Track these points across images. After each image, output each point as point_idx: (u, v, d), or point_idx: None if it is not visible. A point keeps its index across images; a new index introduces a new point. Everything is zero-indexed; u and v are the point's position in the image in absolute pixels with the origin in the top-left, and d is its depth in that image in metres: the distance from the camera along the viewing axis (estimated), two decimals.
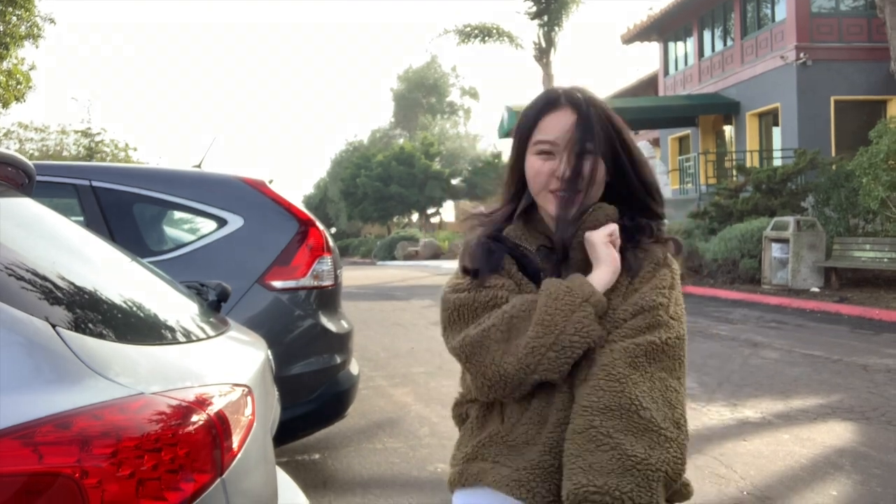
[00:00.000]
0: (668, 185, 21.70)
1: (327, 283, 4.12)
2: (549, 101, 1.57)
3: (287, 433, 3.80)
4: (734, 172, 19.95)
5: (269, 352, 2.15)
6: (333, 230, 46.37)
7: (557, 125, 1.54)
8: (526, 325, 1.46)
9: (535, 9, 27.16)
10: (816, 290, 13.29)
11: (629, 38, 28.10)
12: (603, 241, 1.52)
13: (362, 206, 44.02)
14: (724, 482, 4.17)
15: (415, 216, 47.43)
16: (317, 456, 4.81)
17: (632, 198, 1.61)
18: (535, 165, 1.56)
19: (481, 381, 1.49)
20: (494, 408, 1.57)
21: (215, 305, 2.28)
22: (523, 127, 1.59)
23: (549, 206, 1.56)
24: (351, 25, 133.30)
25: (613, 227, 1.54)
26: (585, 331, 1.44)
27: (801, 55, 19.68)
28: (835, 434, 5.06)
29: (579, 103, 1.55)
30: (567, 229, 1.54)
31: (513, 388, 1.47)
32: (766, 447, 4.80)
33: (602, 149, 1.53)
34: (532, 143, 1.56)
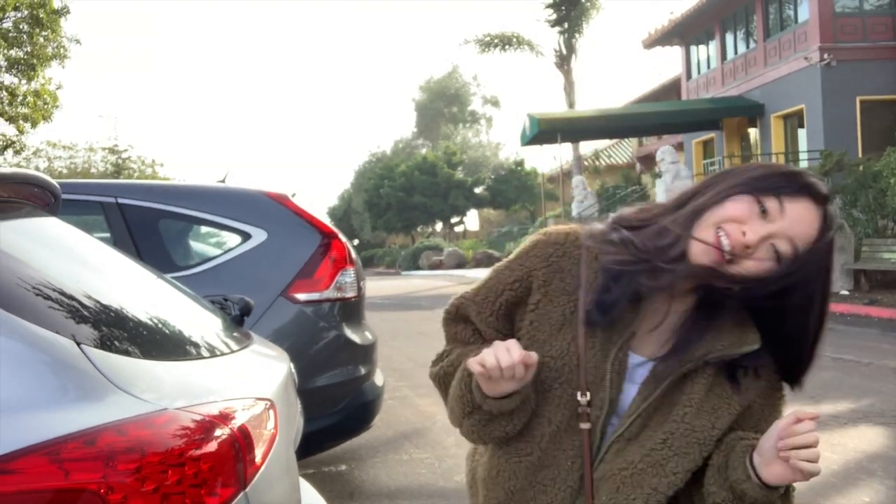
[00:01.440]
0: None
1: (350, 294, 4.15)
2: (796, 184, 1.31)
3: (313, 445, 3.82)
4: None
5: (292, 365, 2.17)
6: (357, 241, 46.55)
7: (798, 218, 1.30)
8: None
9: (555, 16, 27.18)
10: (846, 292, 13.12)
11: (650, 43, 27.98)
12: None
13: (386, 216, 44.15)
14: None
15: (438, 225, 47.48)
16: (343, 467, 4.83)
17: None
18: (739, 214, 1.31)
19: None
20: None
21: (238, 320, 2.30)
22: (755, 183, 1.32)
23: (704, 258, 1.31)
24: (372, 38, 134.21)
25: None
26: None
27: (826, 56, 19.48)
28: (867, 439, 4.99)
29: (824, 198, 1.32)
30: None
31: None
32: None
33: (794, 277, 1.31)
34: (755, 208, 1.30)
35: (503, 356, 1.29)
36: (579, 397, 1.38)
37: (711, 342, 1.38)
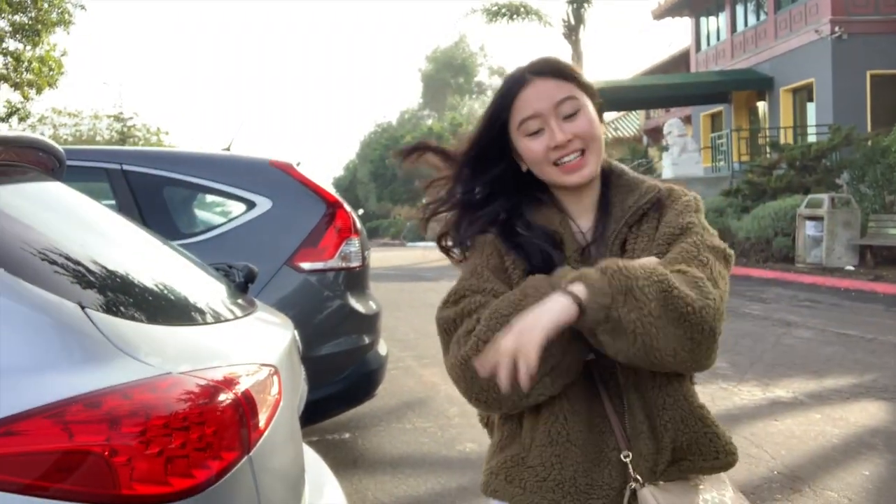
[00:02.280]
0: (699, 163, 21.41)
1: (355, 264, 4.15)
2: (514, 83, 1.48)
3: (317, 413, 3.84)
4: (768, 149, 19.66)
5: (296, 332, 2.18)
6: (362, 212, 46.52)
7: (534, 97, 1.46)
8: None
9: None
10: (851, 268, 13.09)
11: (660, 14, 27.69)
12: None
13: (392, 187, 44.08)
14: (755, 462, 4.15)
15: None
16: (347, 435, 4.87)
17: None
18: (528, 146, 1.47)
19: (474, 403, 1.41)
20: (514, 421, 1.49)
21: (243, 287, 2.31)
22: (497, 112, 1.50)
23: (556, 177, 1.47)
24: (378, 6, 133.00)
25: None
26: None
27: (836, 29, 19.26)
28: (868, 413, 5.00)
29: (545, 67, 1.48)
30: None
31: (505, 405, 1.38)
32: (798, 427, 4.76)
33: (590, 97, 1.48)
34: (514, 126, 1.48)
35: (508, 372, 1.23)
36: None
37: (621, 212, 1.50)
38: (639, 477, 1.38)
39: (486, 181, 1.54)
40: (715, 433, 1.45)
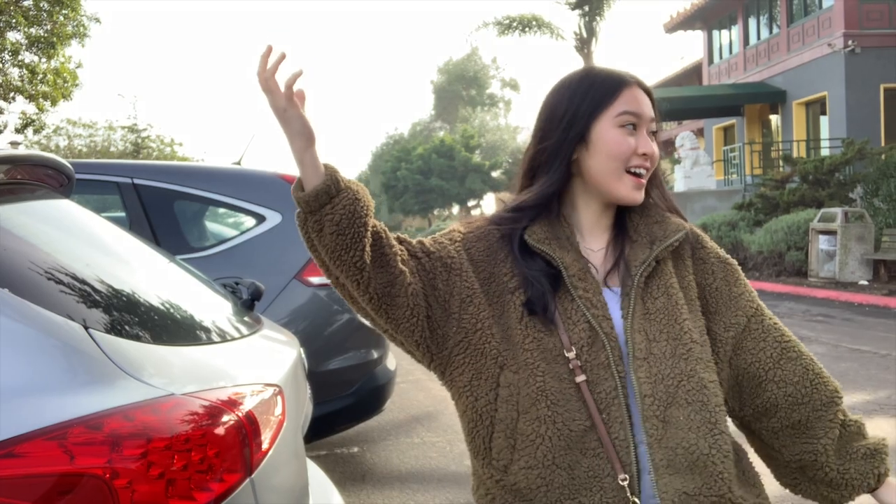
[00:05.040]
0: (712, 176, 21.33)
1: None
2: (624, 78, 1.46)
3: (325, 427, 3.84)
4: (780, 163, 19.57)
5: (302, 349, 2.17)
6: None
7: (639, 99, 1.45)
8: None
9: None
10: (865, 283, 12.99)
11: (672, 27, 27.69)
12: None
13: (403, 198, 44.15)
14: (766, 482, 4.10)
15: (455, 209, 47.42)
16: (355, 449, 4.85)
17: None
18: (618, 138, 1.42)
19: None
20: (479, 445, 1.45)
21: (249, 304, 2.31)
22: (597, 97, 1.44)
23: (622, 187, 1.44)
24: (390, 18, 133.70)
25: None
26: None
27: (850, 42, 19.20)
28: (882, 431, 4.95)
29: (644, 86, 1.48)
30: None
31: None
32: None
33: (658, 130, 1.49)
34: (612, 113, 1.43)
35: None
36: (566, 353, 1.39)
37: (649, 243, 1.46)
38: (636, 500, 1.36)
39: (556, 178, 1.47)
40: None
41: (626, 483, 1.35)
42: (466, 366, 1.42)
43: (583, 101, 1.45)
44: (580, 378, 1.37)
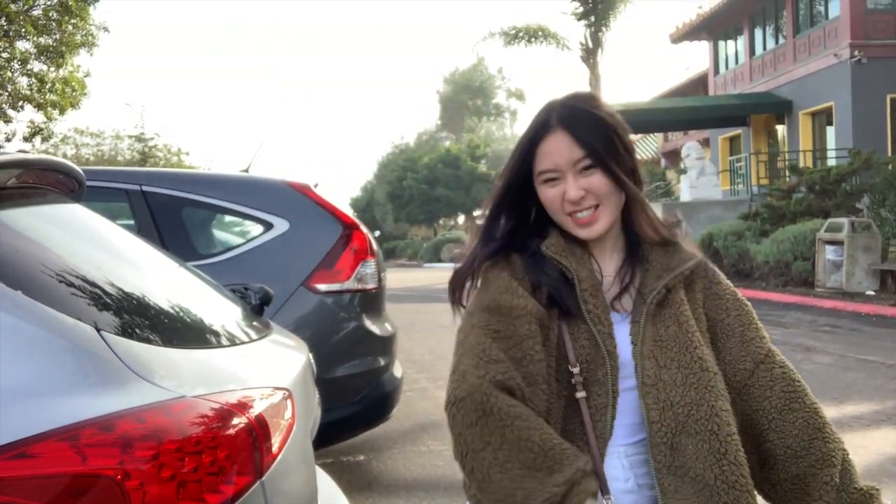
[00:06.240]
0: (718, 186, 21.32)
1: (371, 286, 4.15)
2: (540, 131, 1.48)
3: (331, 435, 3.83)
4: (787, 173, 19.54)
5: (311, 355, 2.18)
6: (379, 233, 46.71)
7: (554, 151, 1.45)
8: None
9: (581, 9, 26.95)
10: (872, 293, 12.95)
11: (678, 38, 27.72)
12: None
13: (409, 208, 44.20)
14: None
15: (461, 218, 47.45)
16: (361, 457, 4.85)
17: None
18: (546, 195, 1.48)
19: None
20: None
21: (258, 309, 2.31)
22: (521, 159, 1.50)
23: (570, 227, 1.49)
24: (397, 28, 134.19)
25: None
26: None
27: (856, 53, 19.20)
28: (889, 441, 4.93)
29: (569, 120, 1.46)
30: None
31: None
32: None
33: (605, 158, 1.45)
34: (536, 174, 1.49)
35: None
36: (571, 369, 1.41)
37: (661, 271, 1.49)
38: (610, 493, 1.38)
39: (513, 215, 1.55)
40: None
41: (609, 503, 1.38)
42: None
43: (516, 162, 1.51)
44: (580, 394, 1.40)
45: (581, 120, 1.46)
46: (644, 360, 1.42)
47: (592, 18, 26.88)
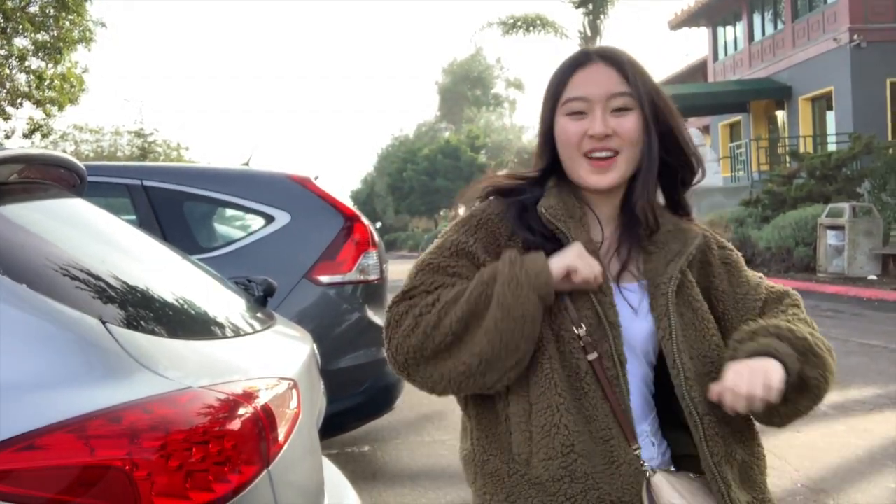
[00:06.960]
0: (718, 173, 21.31)
1: (373, 277, 4.16)
2: (579, 59, 1.41)
3: (336, 425, 3.85)
4: (787, 158, 19.54)
5: (315, 346, 2.18)
6: (380, 224, 46.72)
7: (590, 80, 1.39)
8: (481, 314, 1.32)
9: None
10: (873, 277, 12.95)
11: (677, 24, 27.64)
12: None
13: (409, 199, 44.19)
14: (778, 474, 4.10)
15: (461, 209, 47.42)
16: (366, 448, 4.86)
17: (669, 169, 1.48)
18: (565, 127, 1.40)
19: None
20: (495, 430, 1.43)
21: (262, 301, 2.32)
22: (552, 88, 1.42)
23: (581, 172, 1.40)
24: (396, 20, 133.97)
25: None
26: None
27: (855, 37, 19.14)
28: (892, 425, 4.94)
29: (613, 57, 1.41)
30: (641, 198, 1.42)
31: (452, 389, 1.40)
32: (822, 439, 4.70)
33: (642, 107, 1.39)
34: (561, 103, 1.40)
35: (592, 268, 1.34)
36: (575, 330, 1.37)
37: (670, 254, 1.44)
38: (653, 467, 1.36)
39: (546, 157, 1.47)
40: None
41: (638, 452, 1.36)
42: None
43: (546, 93, 1.45)
44: (592, 356, 1.36)
45: (626, 61, 1.41)
46: (681, 356, 1.38)
47: (591, 6, 26.78)
